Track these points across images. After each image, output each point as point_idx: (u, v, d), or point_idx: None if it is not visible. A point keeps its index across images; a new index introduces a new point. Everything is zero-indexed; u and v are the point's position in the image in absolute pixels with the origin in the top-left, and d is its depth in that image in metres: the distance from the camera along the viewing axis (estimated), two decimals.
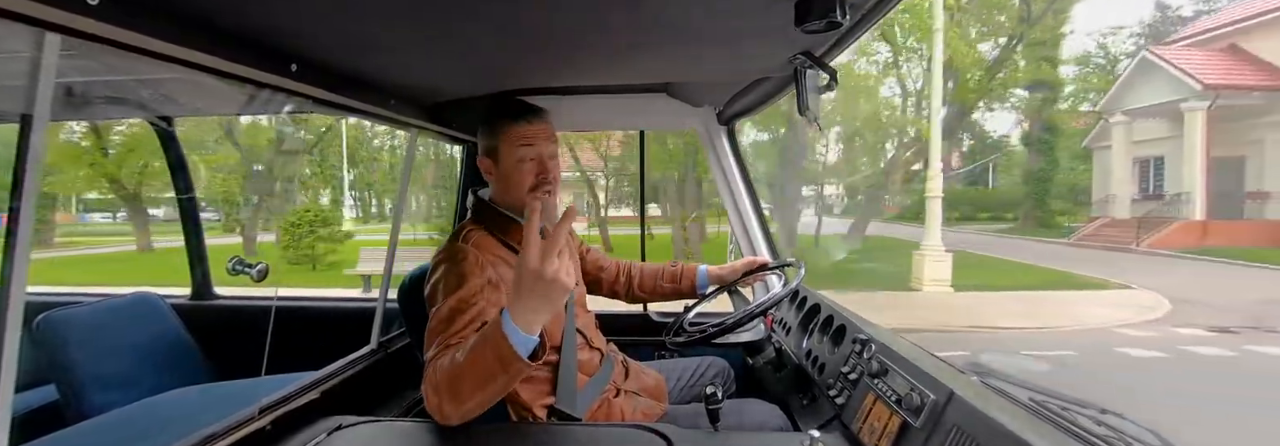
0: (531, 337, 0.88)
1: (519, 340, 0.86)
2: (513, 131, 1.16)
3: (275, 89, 1.01)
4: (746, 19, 0.93)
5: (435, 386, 0.91)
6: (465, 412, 0.92)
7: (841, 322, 1.30)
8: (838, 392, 1.11)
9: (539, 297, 0.86)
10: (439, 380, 0.91)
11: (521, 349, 0.86)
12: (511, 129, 1.16)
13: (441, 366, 0.92)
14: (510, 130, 1.16)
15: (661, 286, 1.55)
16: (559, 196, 1.26)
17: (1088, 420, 0.75)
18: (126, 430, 1.19)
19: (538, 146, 1.17)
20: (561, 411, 1.13)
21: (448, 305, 1.02)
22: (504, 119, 1.18)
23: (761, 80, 1.43)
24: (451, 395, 0.90)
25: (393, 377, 1.53)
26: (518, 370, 0.87)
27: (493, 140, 1.19)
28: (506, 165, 1.18)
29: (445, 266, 1.09)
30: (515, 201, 1.20)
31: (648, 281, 1.55)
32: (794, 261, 1.46)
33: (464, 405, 0.90)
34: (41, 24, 0.60)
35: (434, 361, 0.94)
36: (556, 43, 1.08)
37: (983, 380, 0.89)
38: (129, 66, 1.15)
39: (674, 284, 1.54)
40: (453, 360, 0.91)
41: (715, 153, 1.82)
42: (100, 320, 1.66)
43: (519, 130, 1.16)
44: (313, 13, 0.85)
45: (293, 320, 1.85)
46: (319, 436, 0.99)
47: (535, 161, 1.17)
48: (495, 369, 0.87)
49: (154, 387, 1.61)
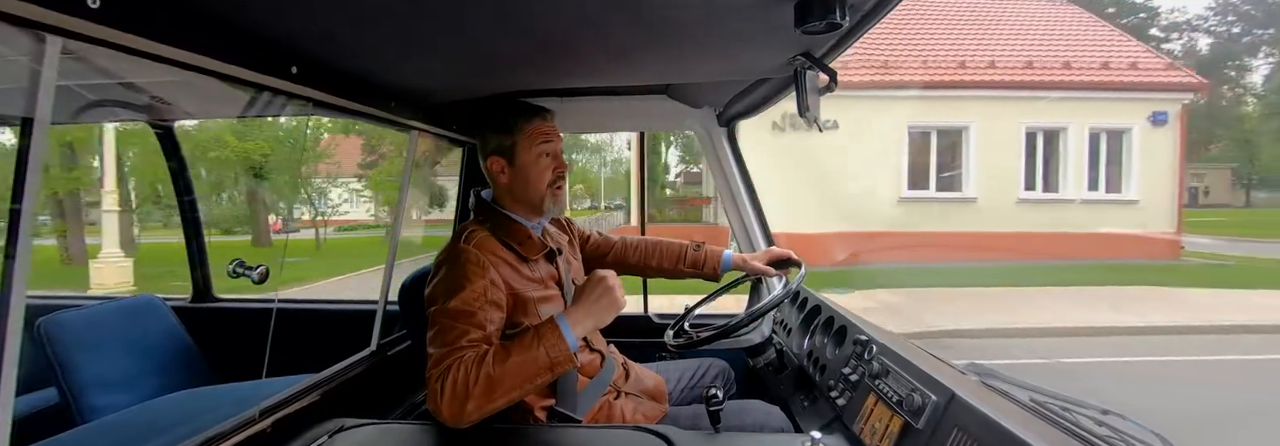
0: (577, 342, 1.00)
1: (572, 343, 0.99)
2: (532, 128, 1.20)
3: (276, 91, 1.01)
4: (747, 20, 0.93)
5: (456, 385, 0.93)
6: (486, 412, 0.95)
7: (843, 324, 1.30)
8: (839, 394, 1.11)
9: (602, 307, 1.04)
10: (468, 381, 0.93)
11: (571, 346, 0.98)
12: (530, 126, 1.20)
13: (468, 367, 0.95)
14: (529, 127, 1.20)
15: (681, 270, 1.53)
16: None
17: (1089, 421, 0.75)
18: (128, 432, 1.19)
19: (554, 143, 1.23)
20: (562, 413, 1.13)
21: (451, 306, 1.02)
22: (519, 117, 1.21)
23: (762, 81, 1.43)
24: (485, 395, 0.94)
25: (394, 379, 1.53)
26: (563, 371, 0.99)
27: (508, 138, 1.20)
28: (525, 161, 1.20)
29: (447, 268, 1.09)
30: (533, 197, 1.22)
31: (666, 262, 1.53)
32: (796, 261, 1.46)
33: (492, 404, 0.95)
34: (43, 27, 0.61)
35: (447, 362, 0.96)
36: (557, 44, 1.08)
37: (983, 381, 0.89)
38: (129, 69, 1.15)
39: (695, 269, 1.52)
40: (487, 362, 0.96)
41: (715, 154, 1.82)
42: (101, 322, 1.66)
43: (538, 127, 1.21)
44: (314, 16, 0.85)
45: (293, 322, 1.85)
46: (320, 438, 0.99)
47: (552, 157, 1.22)
48: (543, 371, 0.97)
49: (155, 390, 1.61)
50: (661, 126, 1.89)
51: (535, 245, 1.20)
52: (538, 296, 1.17)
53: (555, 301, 1.21)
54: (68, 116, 1.76)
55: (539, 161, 1.20)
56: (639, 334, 1.85)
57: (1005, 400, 0.81)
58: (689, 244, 1.54)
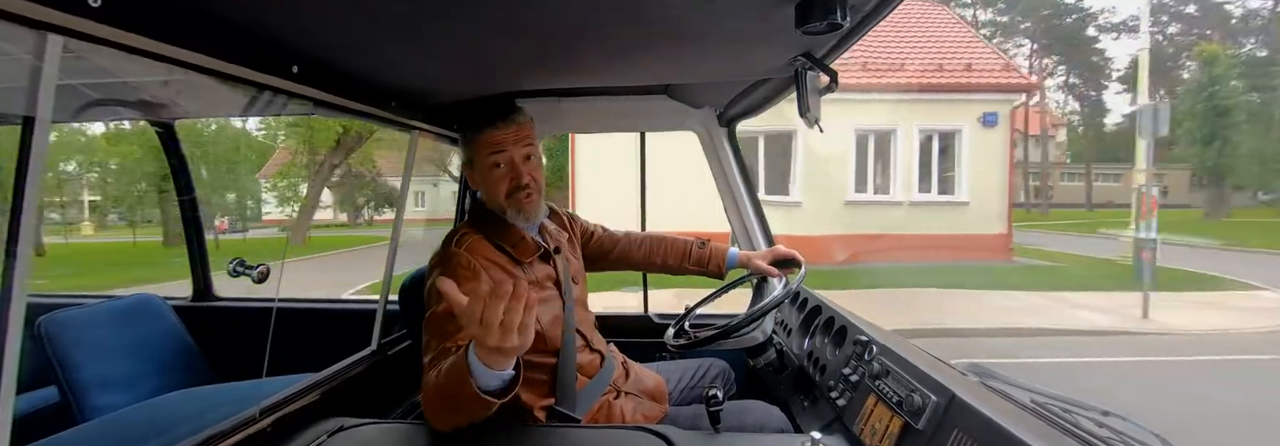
0: (502, 373, 0.80)
1: (486, 376, 0.79)
2: (481, 138, 1.16)
3: (277, 91, 1.01)
4: (747, 20, 0.93)
5: (426, 398, 0.91)
6: (454, 425, 0.90)
7: (843, 324, 1.29)
8: (839, 394, 1.11)
9: (495, 353, 0.77)
10: (426, 395, 0.90)
11: (489, 382, 0.80)
12: (479, 136, 1.17)
13: (428, 382, 0.90)
14: (479, 137, 1.17)
15: (686, 268, 1.52)
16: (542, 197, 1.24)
17: (1089, 422, 0.75)
18: (128, 431, 1.19)
19: (509, 151, 1.16)
20: (561, 412, 1.13)
21: (442, 310, 1.01)
22: (469, 127, 1.18)
23: (762, 82, 1.43)
24: (434, 412, 0.89)
25: (394, 379, 1.53)
26: (488, 406, 0.80)
27: (467, 149, 1.20)
28: (480, 172, 1.18)
29: (438, 271, 1.09)
30: (495, 207, 1.20)
31: (671, 259, 1.52)
32: (797, 261, 1.46)
33: (450, 422, 0.89)
34: (43, 26, 0.61)
35: (428, 371, 0.94)
36: (557, 44, 1.08)
37: (984, 382, 0.89)
38: (130, 68, 1.15)
39: (700, 267, 1.51)
40: (434, 380, 0.87)
41: (716, 154, 1.82)
42: (102, 321, 1.66)
43: (487, 136, 1.16)
44: (315, 15, 0.85)
45: (293, 321, 1.85)
46: (320, 437, 0.99)
47: (507, 166, 1.16)
48: (471, 404, 0.80)
49: (155, 389, 1.61)
50: (661, 126, 1.88)
51: (529, 247, 1.19)
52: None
53: (552, 303, 1.20)
54: (68, 115, 1.76)
55: (491, 172, 1.16)
56: (639, 334, 1.85)
57: (1005, 401, 0.81)
58: (693, 241, 1.54)
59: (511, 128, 1.16)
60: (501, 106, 1.20)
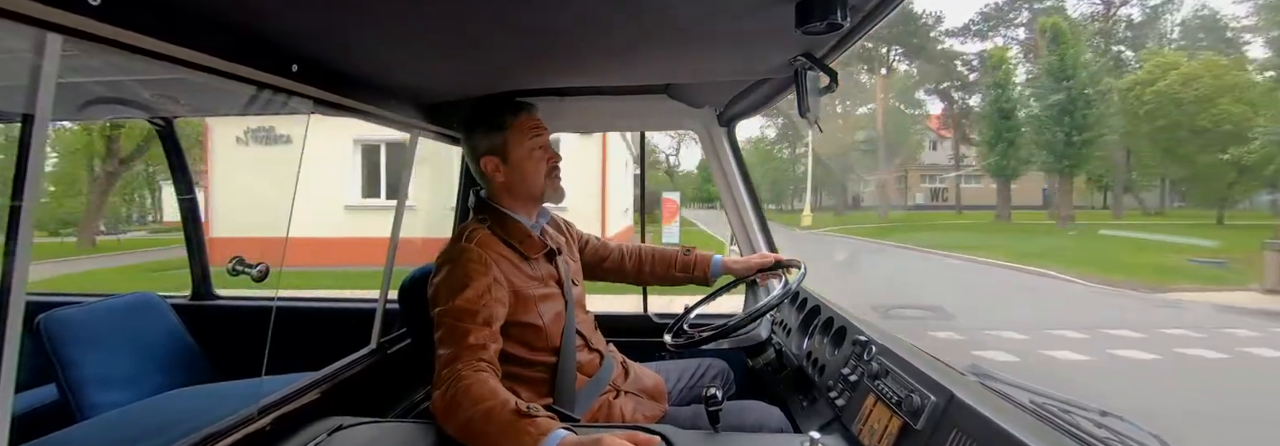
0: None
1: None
2: (521, 123, 1.22)
3: (276, 89, 1.01)
4: (747, 20, 0.93)
5: (449, 401, 0.92)
6: (465, 442, 0.92)
7: (842, 324, 1.29)
8: (838, 394, 1.11)
9: None
10: (457, 414, 0.91)
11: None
12: (520, 121, 1.22)
13: (471, 398, 0.90)
14: (519, 122, 1.22)
15: (674, 275, 1.54)
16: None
17: (1088, 422, 0.75)
18: (127, 430, 1.19)
19: (544, 136, 1.25)
20: (560, 412, 1.13)
21: (456, 305, 1.03)
22: (506, 114, 1.23)
23: (762, 81, 1.43)
24: (455, 425, 0.91)
25: (393, 378, 1.53)
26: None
27: (499, 136, 1.22)
28: (518, 156, 1.22)
29: (449, 267, 1.09)
30: (533, 190, 1.23)
31: (659, 268, 1.54)
32: (795, 262, 1.46)
33: (465, 438, 0.91)
34: (43, 24, 0.60)
35: (457, 365, 0.96)
36: (557, 43, 1.08)
37: (983, 382, 0.89)
38: (129, 66, 1.15)
39: (686, 273, 1.53)
40: (477, 412, 0.89)
41: (716, 153, 1.81)
42: (101, 320, 1.66)
43: (526, 121, 1.23)
44: (315, 14, 0.85)
45: (293, 320, 1.85)
46: (319, 436, 0.99)
47: (544, 149, 1.24)
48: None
49: (155, 387, 1.61)
50: (661, 126, 1.89)
51: (536, 244, 1.21)
52: (539, 295, 1.17)
53: (555, 300, 1.21)
54: (68, 113, 1.76)
55: (532, 154, 1.22)
56: (639, 333, 1.85)
57: (1004, 401, 0.81)
58: (679, 249, 1.56)
59: (538, 116, 1.26)
60: (518, 101, 1.27)
